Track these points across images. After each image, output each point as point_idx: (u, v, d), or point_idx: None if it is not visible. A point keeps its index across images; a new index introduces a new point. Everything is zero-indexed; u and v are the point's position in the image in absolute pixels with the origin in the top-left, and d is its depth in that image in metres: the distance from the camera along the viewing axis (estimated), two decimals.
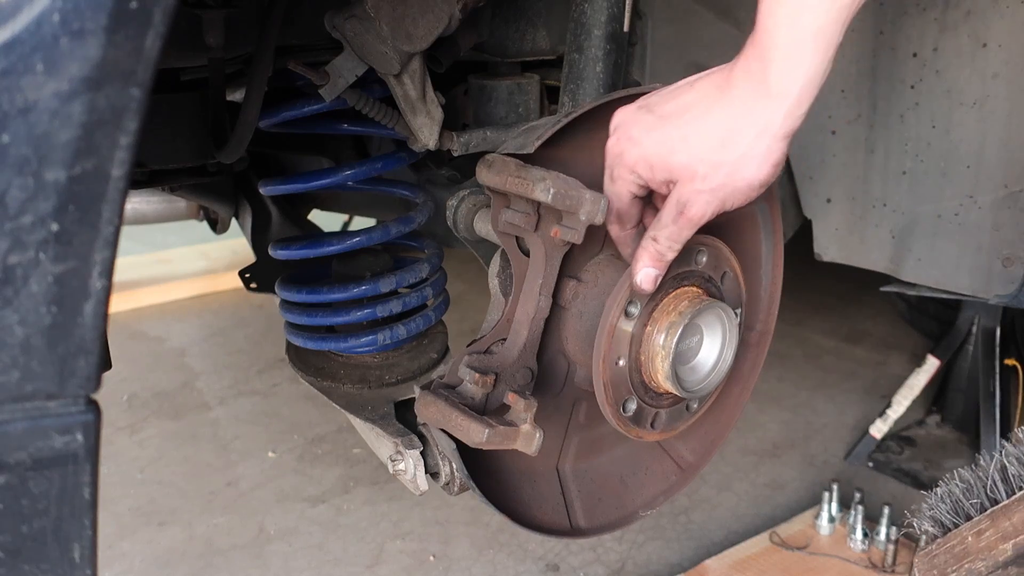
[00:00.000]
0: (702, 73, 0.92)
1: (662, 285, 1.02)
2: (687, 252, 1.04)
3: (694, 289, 1.06)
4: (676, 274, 1.03)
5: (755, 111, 0.85)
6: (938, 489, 1.05)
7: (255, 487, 2.46)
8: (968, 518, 1.01)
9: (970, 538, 0.98)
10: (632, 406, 1.05)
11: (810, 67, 0.83)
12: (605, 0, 1.23)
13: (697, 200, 0.90)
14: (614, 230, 1.01)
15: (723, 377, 1.09)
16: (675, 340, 1.01)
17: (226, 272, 3.82)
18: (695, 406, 1.13)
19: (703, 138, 0.88)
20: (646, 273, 0.96)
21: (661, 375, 1.02)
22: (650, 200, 1.01)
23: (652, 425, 1.09)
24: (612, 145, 0.96)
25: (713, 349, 1.08)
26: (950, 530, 1.01)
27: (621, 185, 0.96)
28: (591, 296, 1.09)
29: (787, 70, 0.83)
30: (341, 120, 1.44)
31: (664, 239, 0.94)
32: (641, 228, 1.02)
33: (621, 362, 1.01)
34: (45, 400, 0.63)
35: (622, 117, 0.96)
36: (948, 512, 1.02)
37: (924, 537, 1.05)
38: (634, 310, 1.00)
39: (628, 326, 1.00)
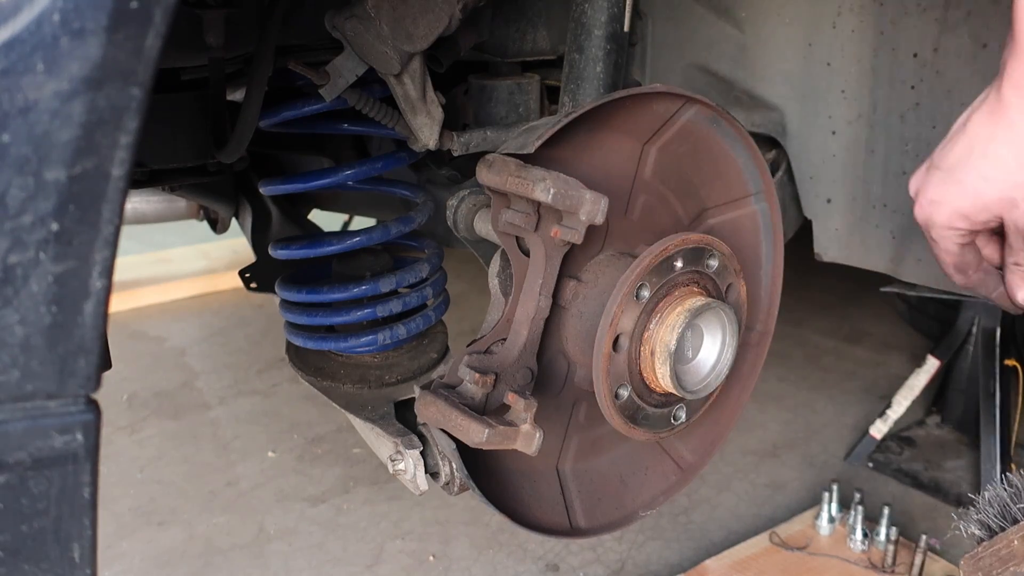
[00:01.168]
0: (967, 111, 0.94)
1: (663, 285, 1.02)
2: (697, 253, 1.05)
3: (694, 289, 1.06)
4: (679, 274, 1.03)
5: None
6: (986, 493, 1.06)
7: (255, 487, 2.46)
8: (1015, 522, 1.02)
9: (1016, 542, 0.99)
10: (632, 406, 1.05)
11: None
12: (605, 0, 1.23)
13: None
14: (961, 280, 1.03)
15: (723, 378, 1.10)
16: (675, 340, 1.01)
17: (226, 272, 3.83)
18: (695, 406, 1.13)
19: (1000, 167, 0.89)
20: None
21: (661, 375, 1.03)
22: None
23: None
24: (918, 212, 0.98)
25: (713, 349, 1.09)
26: (996, 534, 1.02)
27: (945, 243, 0.98)
28: (591, 296, 1.09)
29: None
30: (341, 120, 1.44)
31: None
32: (988, 266, 1.04)
33: (622, 362, 1.01)
34: (45, 400, 0.63)
35: (916, 183, 0.98)
36: (995, 516, 1.03)
37: (970, 540, 1.05)
38: (634, 311, 1.00)
39: (629, 325, 1.00)
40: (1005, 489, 1.04)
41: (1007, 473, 1.09)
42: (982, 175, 0.90)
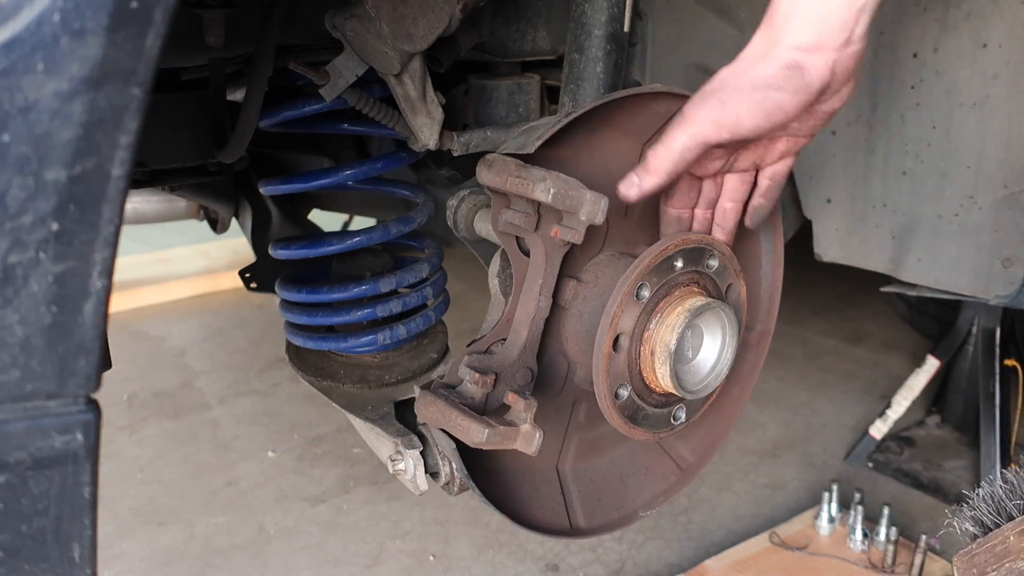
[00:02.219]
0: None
1: (663, 285, 1.02)
2: (697, 253, 1.04)
3: (694, 289, 1.06)
4: (679, 274, 1.03)
5: (759, 33, 0.95)
6: (980, 490, 1.05)
7: (255, 487, 2.46)
8: (1011, 518, 1.01)
9: (1012, 538, 0.99)
10: (632, 406, 1.05)
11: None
12: (605, 0, 1.23)
13: (692, 99, 0.99)
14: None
15: (723, 378, 1.09)
16: (675, 340, 1.01)
17: (226, 272, 3.83)
18: (695, 406, 1.13)
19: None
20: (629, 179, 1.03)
21: (661, 375, 1.03)
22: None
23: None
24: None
25: (713, 349, 1.08)
26: (991, 530, 1.02)
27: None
28: (591, 296, 1.08)
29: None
30: (341, 120, 1.43)
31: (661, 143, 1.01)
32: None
33: (622, 362, 1.01)
34: (45, 400, 0.63)
35: None
36: (990, 512, 1.03)
37: (964, 537, 1.05)
38: (634, 311, 1.00)
39: (629, 325, 1.00)
40: (1000, 486, 1.04)
41: (1002, 470, 1.09)
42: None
